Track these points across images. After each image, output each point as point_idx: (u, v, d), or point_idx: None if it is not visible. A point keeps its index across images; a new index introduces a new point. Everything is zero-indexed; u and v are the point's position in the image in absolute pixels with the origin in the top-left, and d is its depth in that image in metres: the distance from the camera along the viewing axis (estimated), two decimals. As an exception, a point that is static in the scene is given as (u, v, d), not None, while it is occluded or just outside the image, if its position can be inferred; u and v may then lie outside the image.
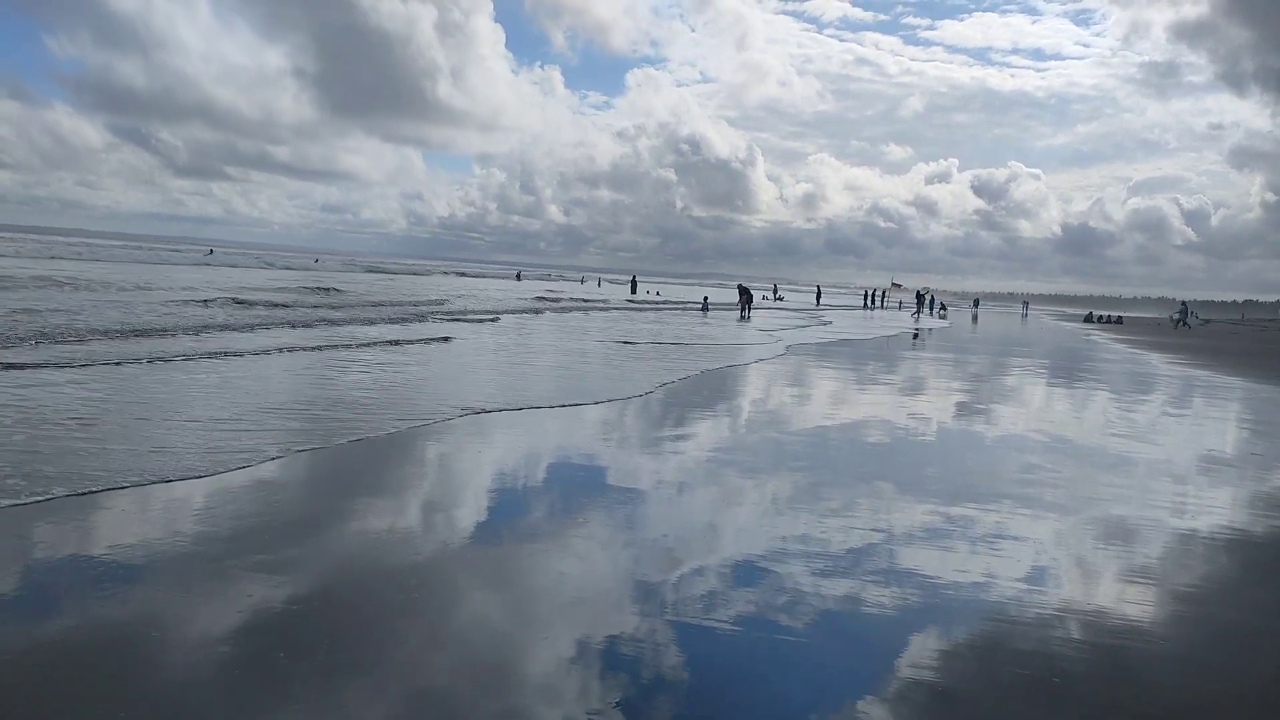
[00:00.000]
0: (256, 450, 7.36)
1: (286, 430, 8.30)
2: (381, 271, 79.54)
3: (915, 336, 33.63)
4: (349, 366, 13.48)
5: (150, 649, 3.92)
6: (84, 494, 5.90)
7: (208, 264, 66.71)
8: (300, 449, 7.65)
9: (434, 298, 36.57)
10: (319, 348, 15.69)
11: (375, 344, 16.92)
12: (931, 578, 5.39)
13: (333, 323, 21.30)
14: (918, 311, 55.96)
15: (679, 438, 9.66)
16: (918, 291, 61.56)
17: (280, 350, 14.84)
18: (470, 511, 6.47)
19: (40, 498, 5.78)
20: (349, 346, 16.28)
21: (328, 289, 35.86)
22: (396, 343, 17.45)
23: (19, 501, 5.67)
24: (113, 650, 3.87)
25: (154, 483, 6.27)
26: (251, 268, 66.37)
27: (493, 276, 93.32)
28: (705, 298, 49.59)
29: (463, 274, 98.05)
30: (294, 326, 19.75)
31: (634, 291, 63.10)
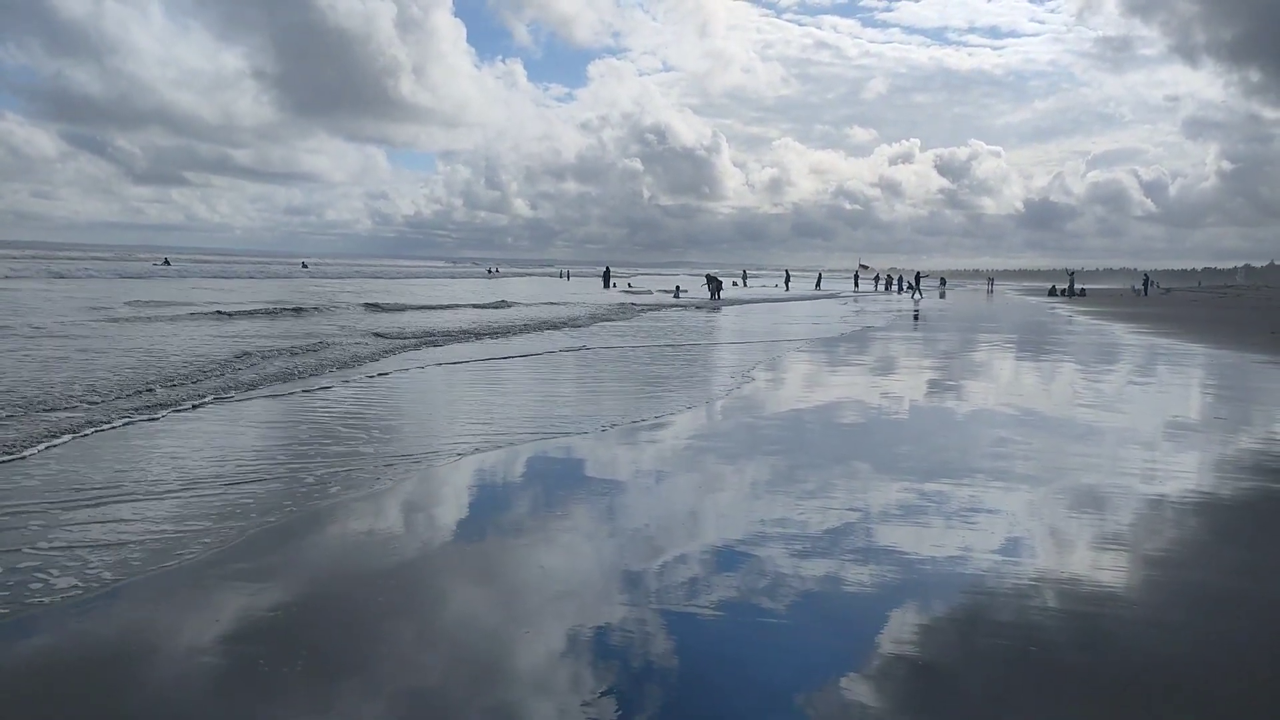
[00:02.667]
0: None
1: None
2: (373, 276, 72.43)
3: (916, 316, 34.69)
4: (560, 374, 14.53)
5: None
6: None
7: (184, 277, 56.04)
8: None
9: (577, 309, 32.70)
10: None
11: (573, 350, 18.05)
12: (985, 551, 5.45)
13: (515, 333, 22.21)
14: (917, 292, 57.24)
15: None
16: (916, 273, 63.35)
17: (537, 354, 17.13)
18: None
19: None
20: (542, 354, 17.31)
21: (494, 306, 32.40)
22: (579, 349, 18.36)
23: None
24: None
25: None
26: (240, 278, 57.81)
27: (465, 276, 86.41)
28: (677, 286, 52.20)
29: (494, 275, 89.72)
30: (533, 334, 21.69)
31: (607, 284, 58.17)
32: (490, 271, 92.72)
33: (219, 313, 23.94)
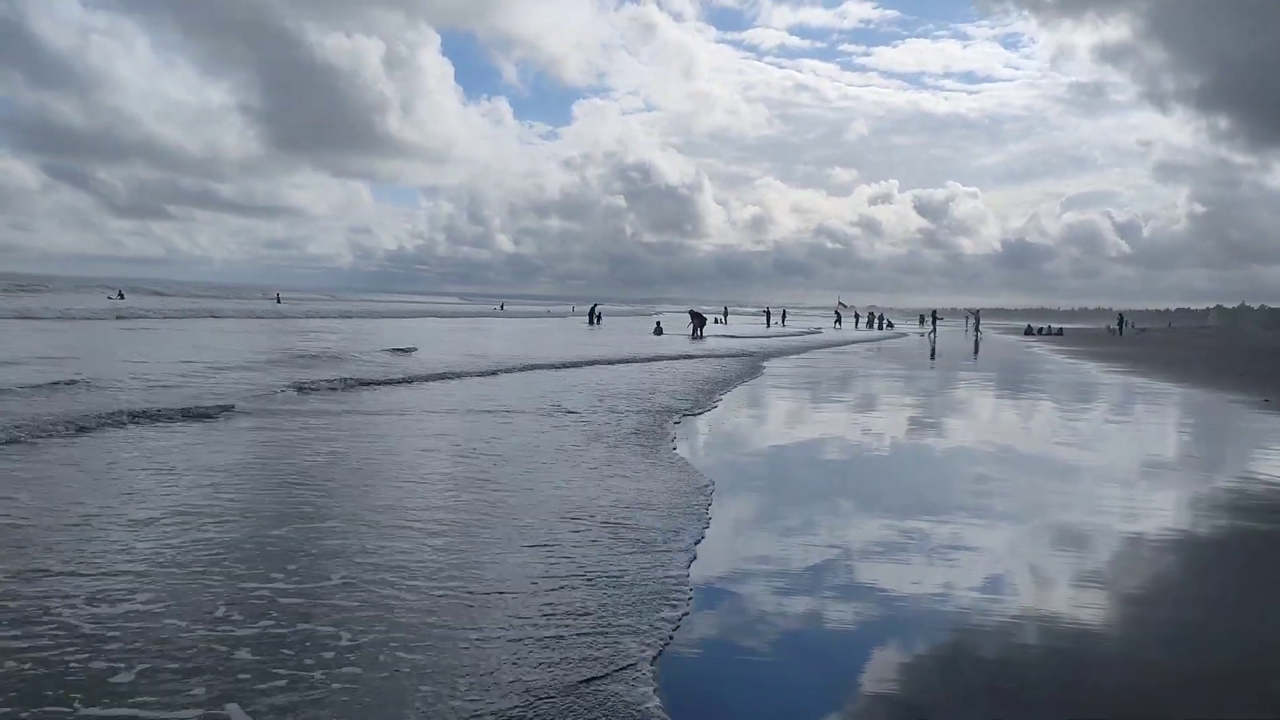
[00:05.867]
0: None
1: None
2: (387, 315, 60.09)
3: (933, 354, 35.63)
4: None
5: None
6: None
7: (148, 317, 42.38)
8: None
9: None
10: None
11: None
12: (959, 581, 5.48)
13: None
14: (933, 330, 57.67)
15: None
16: (933, 311, 64.37)
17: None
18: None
19: None
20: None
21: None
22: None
23: None
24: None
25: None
26: (221, 318, 45.78)
27: (478, 315, 71.85)
28: (659, 323, 51.92)
29: (503, 312, 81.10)
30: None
31: (593, 321, 56.89)
32: (500, 308, 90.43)
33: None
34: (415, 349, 24.76)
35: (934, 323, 60.18)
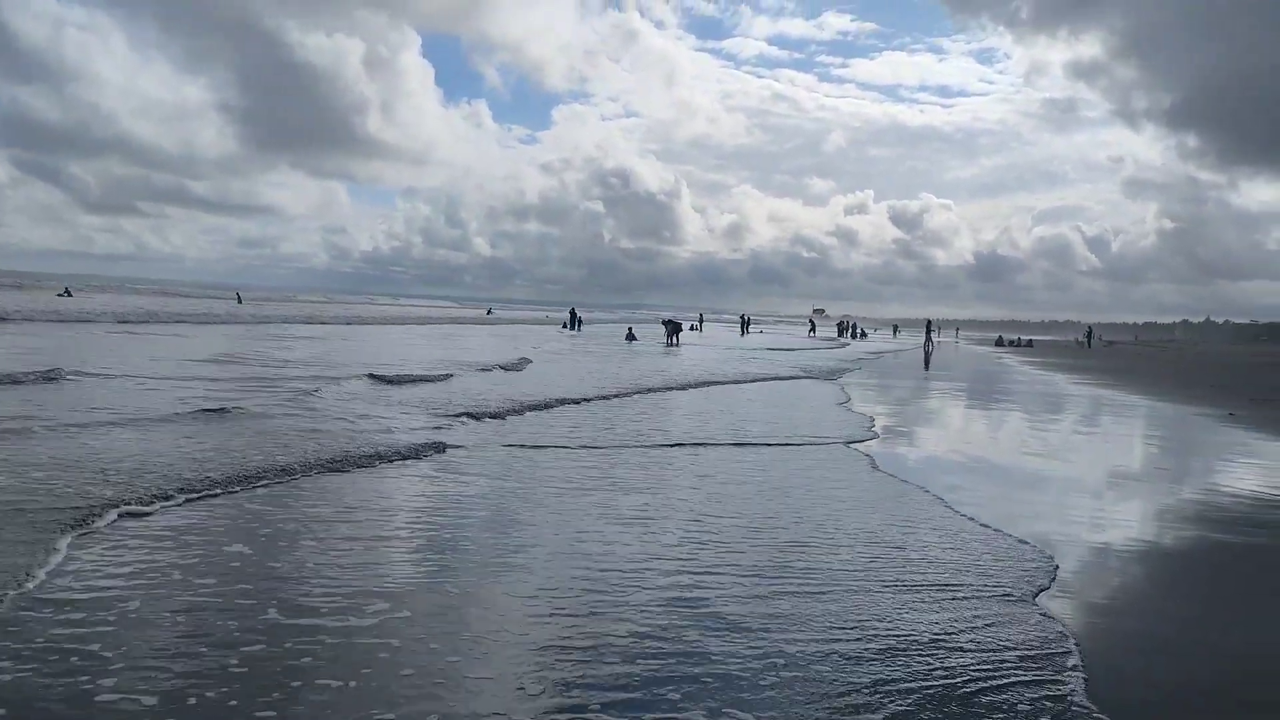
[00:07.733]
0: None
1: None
2: (376, 322, 51.23)
3: (927, 364, 36.09)
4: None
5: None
6: None
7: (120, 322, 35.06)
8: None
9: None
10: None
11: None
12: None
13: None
14: (928, 340, 57.04)
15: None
16: (928, 321, 63.23)
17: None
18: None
19: None
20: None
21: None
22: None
23: None
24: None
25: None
26: (189, 323, 37.24)
27: (475, 321, 65.03)
28: (630, 329, 51.58)
29: (491, 316, 76.04)
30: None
31: (573, 326, 56.51)
32: (488, 312, 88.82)
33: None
34: (529, 360, 22.92)
35: (926, 333, 59.70)
